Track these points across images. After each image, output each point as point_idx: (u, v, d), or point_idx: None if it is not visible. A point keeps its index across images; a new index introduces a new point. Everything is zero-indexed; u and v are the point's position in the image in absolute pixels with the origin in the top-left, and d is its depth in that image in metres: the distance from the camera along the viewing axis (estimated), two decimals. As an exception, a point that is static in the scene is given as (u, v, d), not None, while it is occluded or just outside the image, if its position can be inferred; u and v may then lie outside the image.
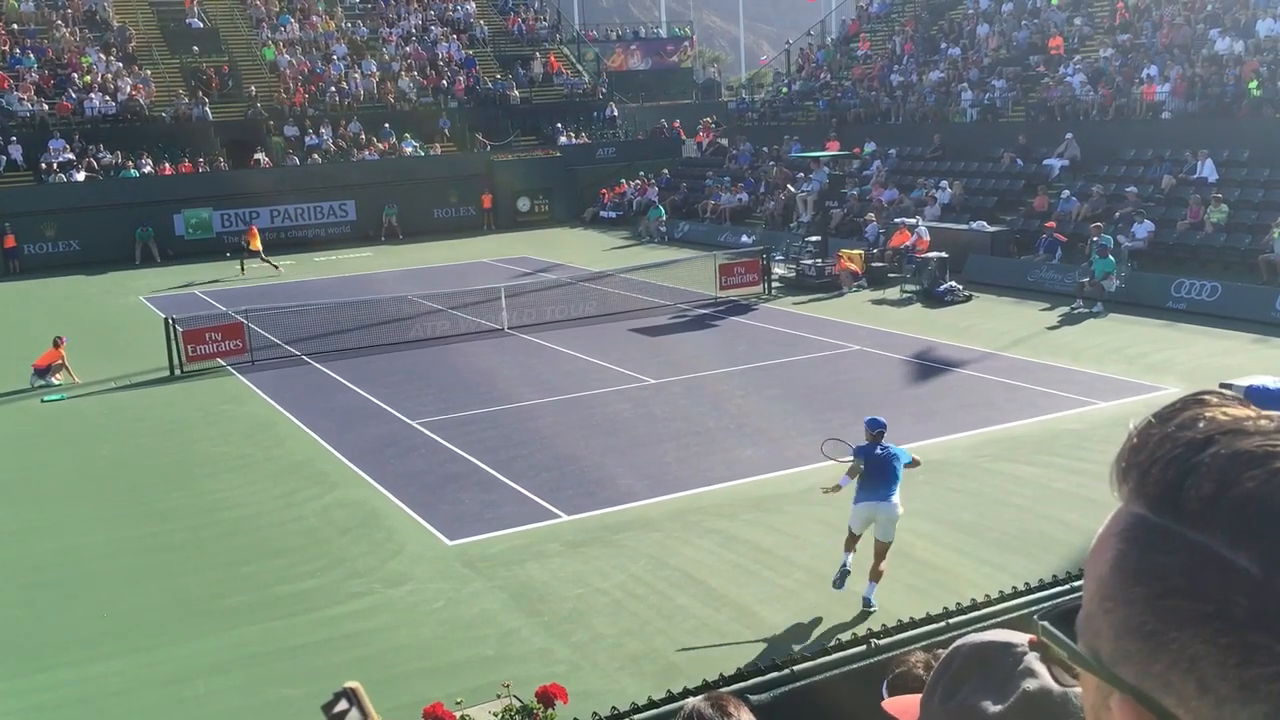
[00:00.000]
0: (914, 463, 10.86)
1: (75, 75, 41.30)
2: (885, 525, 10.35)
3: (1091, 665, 0.78)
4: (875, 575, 10.38)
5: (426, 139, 43.56)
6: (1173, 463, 0.74)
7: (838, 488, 10.66)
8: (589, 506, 13.06)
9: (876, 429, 10.87)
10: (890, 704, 1.74)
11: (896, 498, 10.37)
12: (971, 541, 11.60)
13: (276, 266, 33.83)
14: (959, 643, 1.32)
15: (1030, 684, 1.20)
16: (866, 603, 10.36)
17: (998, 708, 1.20)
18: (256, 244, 34.29)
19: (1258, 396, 12.63)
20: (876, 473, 10.51)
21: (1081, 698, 0.82)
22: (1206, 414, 0.77)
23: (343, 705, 2.43)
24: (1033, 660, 1.22)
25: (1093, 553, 0.80)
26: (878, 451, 10.65)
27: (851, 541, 10.54)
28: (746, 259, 27.46)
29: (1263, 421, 0.75)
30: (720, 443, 15.24)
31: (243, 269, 33.77)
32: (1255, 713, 0.67)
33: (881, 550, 10.34)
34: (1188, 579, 0.71)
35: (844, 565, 10.45)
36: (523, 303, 24.72)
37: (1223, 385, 12.34)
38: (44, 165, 37.72)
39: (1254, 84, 26.91)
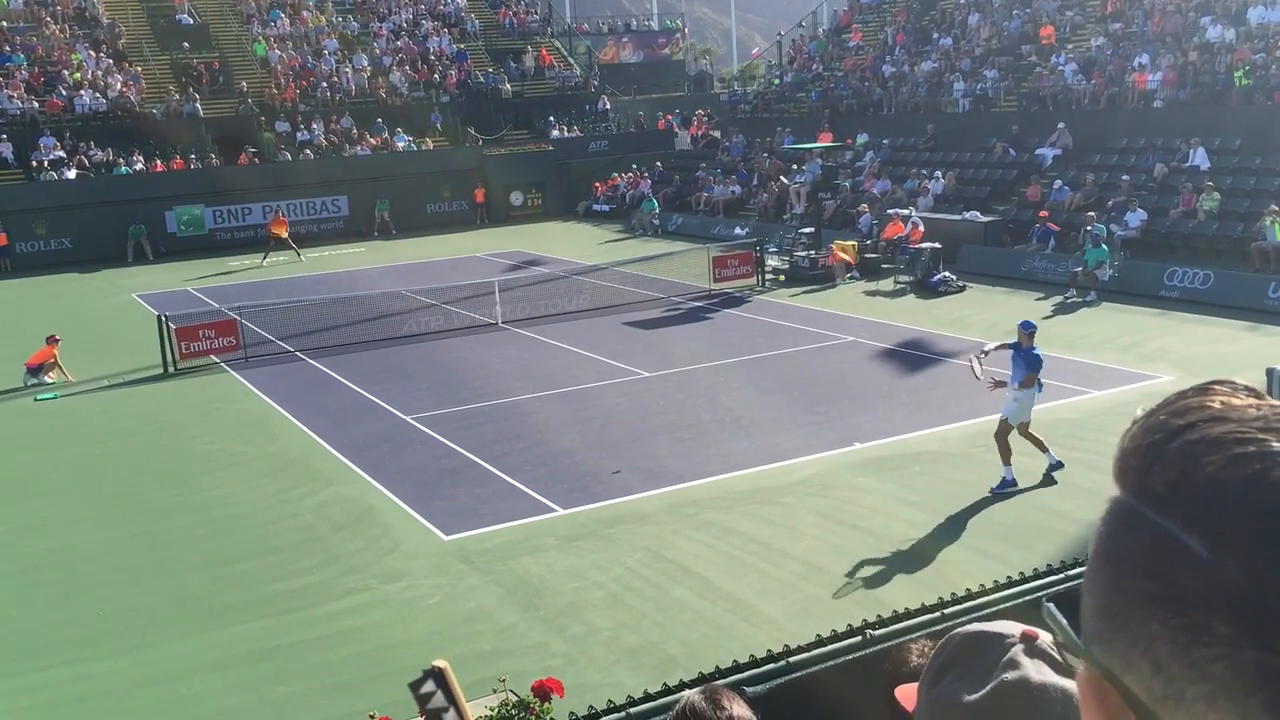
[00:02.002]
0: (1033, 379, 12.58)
1: (65, 72, 41.16)
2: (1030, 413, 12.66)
3: (1075, 645, 0.80)
4: (1041, 448, 12.72)
5: (418, 134, 43.48)
6: (1149, 448, 0.76)
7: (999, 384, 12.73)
8: (584, 500, 13.06)
9: (1032, 330, 12.76)
10: (901, 690, 1.78)
11: (1010, 391, 12.60)
12: (966, 532, 11.62)
13: (300, 255, 34.71)
14: (954, 632, 1.33)
15: (1009, 675, 1.20)
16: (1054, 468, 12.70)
17: (972, 697, 1.20)
18: (284, 231, 34.88)
19: None
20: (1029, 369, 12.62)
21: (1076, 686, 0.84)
22: (1201, 401, 0.77)
23: (429, 686, 2.38)
24: (1019, 652, 1.22)
25: (1093, 537, 0.82)
26: (1037, 353, 12.69)
27: (1008, 445, 12.66)
28: (740, 251, 27.45)
29: (1249, 410, 0.75)
30: (714, 435, 15.24)
31: (265, 257, 34.26)
32: (1200, 691, 0.69)
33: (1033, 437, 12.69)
34: (1146, 561, 0.72)
35: (1011, 475, 12.63)
36: (516, 297, 24.70)
37: (1269, 370, 12.22)
38: (35, 163, 37.60)
39: (1240, 73, 26.93)
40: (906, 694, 1.71)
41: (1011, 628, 1.26)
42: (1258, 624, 0.67)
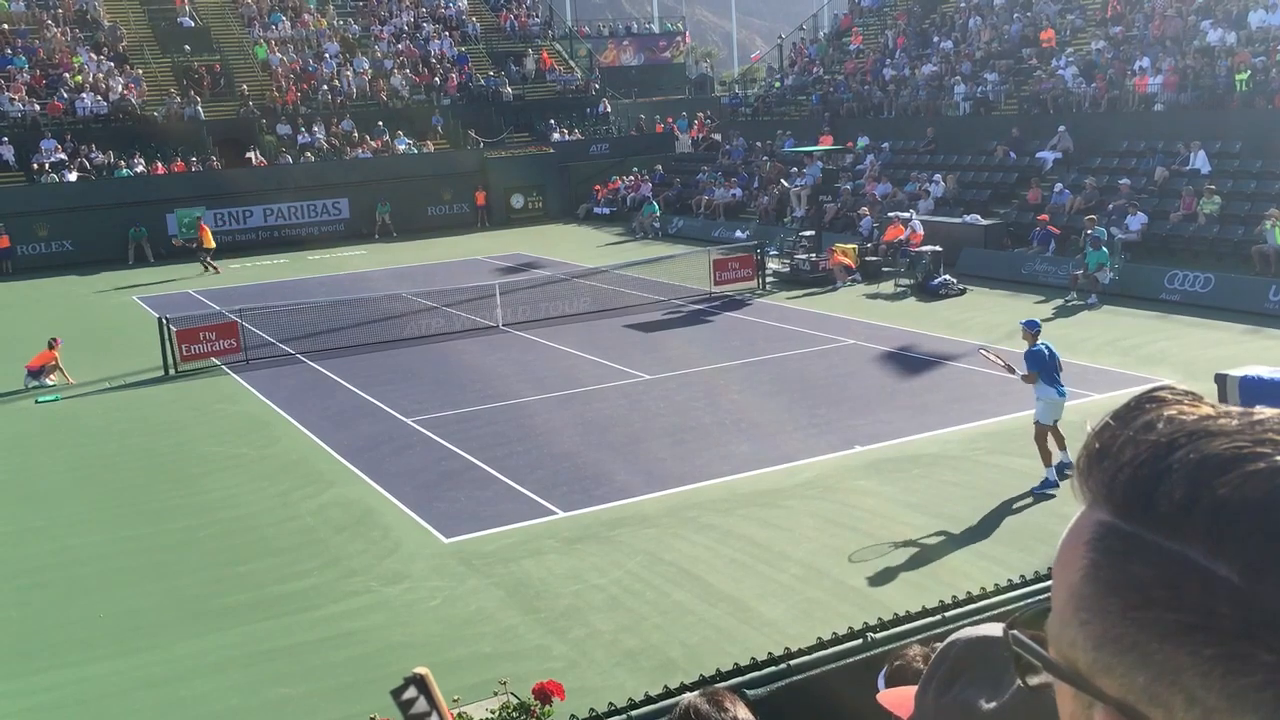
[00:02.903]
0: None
1: (66, 75, 41.20)
2: (1061, 411, 12.63)
3: (1071, 678, 0.76)
4: (1063, 445, 12.57)
5: (419, 136, 43.51)
6: (1140, 468, 0.73)
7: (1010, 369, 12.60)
8: (585, 503, 13.06)
9: (1035, 329, 12.75)
10: (885, 696, 1.73)
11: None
12: (966, 534, 11.62)
13: (217, 270, 33.42)
14: (954, 637, 1.31)
15: None
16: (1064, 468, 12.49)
17: (992, 704, 1.18)
18: (209, 240, 33.90)
19: (1252, 386, 12.65)
20: (1055, 367, 12.52)
21: (1058, 704, 0.81)
22: (1167, 413, 0.75)
23: (411, 692, 2.42)
24: None
25: (1060, 561, 0.78)
26: (1040, 349, 12.54)
27: (1047, 446, 12.47)
28: (740, 254, 27.45)
29: (1222, 420, 0.74)
30: (715, 438, 15.24)
31: (212, 269, 33.47)
32: None
33: (1057, 434, 12.56)
34: (1167, 590, 0.69)
35: (1053, 476, 12.46)
36: (517, 299, 24.71)
37: (1218, 376, 12.41)
38: (36, 165, 37.63)
39: (1241, 76, 26.95)
40: (892, 700, 1.68)
41: None
42: None
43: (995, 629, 1.27)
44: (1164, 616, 0.69)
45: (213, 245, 34.13)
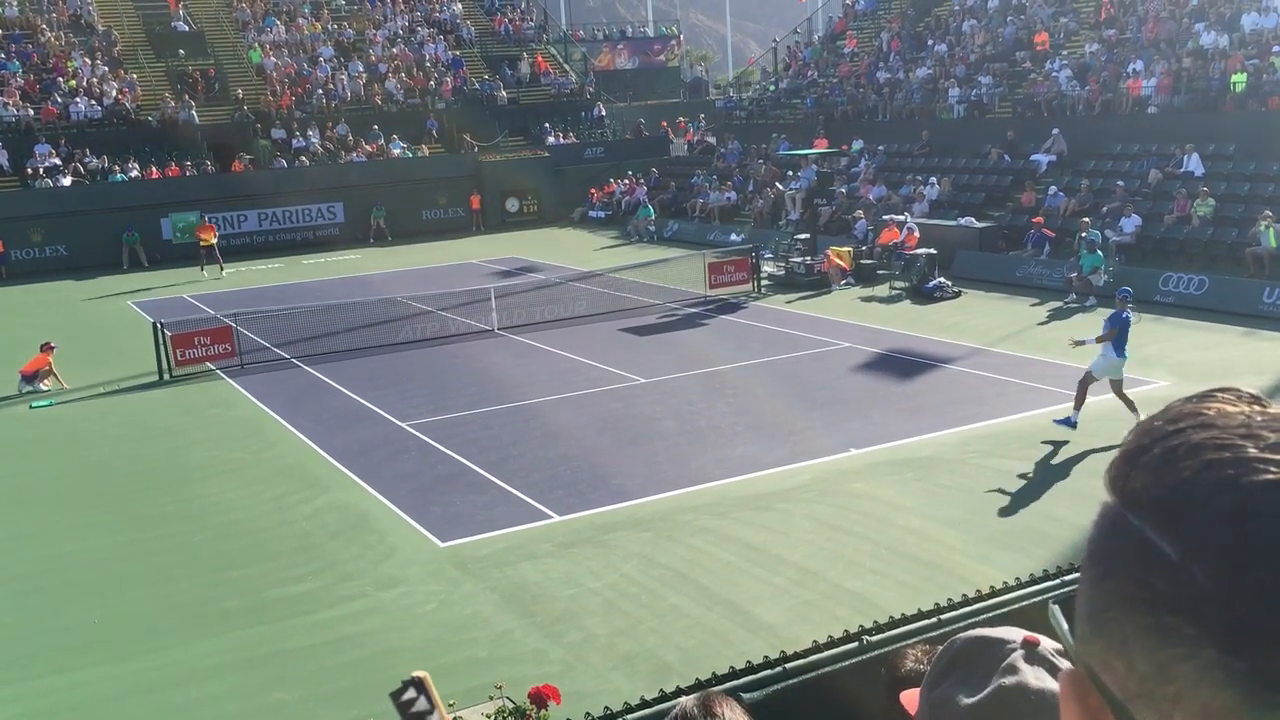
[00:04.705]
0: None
1: (61, 79, 41.15)
2: (1120, 372, 14.15)
3: (1067, 645, 0.82)
4: (1131, 408, 13.86)
5: (414, 140, 43.49)
6: (1135, 453, 0.77)
7: (1081, 343, 14.39)
8: (580, 506, 13.06)
9: (1125, 296, 14.55)
10: (906, 695, 1.79)
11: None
12: (962, 537, 11.62)
13: (204, 272, 33.35)
14: (957, 636, 1.34)
15: (1007, 680, 1.21)
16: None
17: (970, 700, 1.21)
18: (211, 238, 33.73)
19: None
20: (1126, 333, 14.08)
21: None
22: (1196, 408, 0.78)
23: (410, 694, 2.44)
24: (1019, 658, 1.23)
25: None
26: (1126, 316, 14.21)
27: (1085, 394, 14.03)
28: (735, 257, 27.47)
29: (1238, 416, 0.76)
30: (711, 441, 15.24)
31: (221, 269, 33.58)
32: (1168, 691, 0.70)
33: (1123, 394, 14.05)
34: (1122, 562, 0.74)
35: (1075, 418, 14.07)
36: (512, 303, 24.70)
37: None
38: (30, 170, 37.56)
39: (1237, 77, 27.02)
40: (911, 699, 1.72)
41: (1013, 633, 1.27)
42: (1221, 626, 0.68)
43: (997, 631, 1.29)
44: (1116, 587, 0.74)
45: (212, 241, 33.87)
